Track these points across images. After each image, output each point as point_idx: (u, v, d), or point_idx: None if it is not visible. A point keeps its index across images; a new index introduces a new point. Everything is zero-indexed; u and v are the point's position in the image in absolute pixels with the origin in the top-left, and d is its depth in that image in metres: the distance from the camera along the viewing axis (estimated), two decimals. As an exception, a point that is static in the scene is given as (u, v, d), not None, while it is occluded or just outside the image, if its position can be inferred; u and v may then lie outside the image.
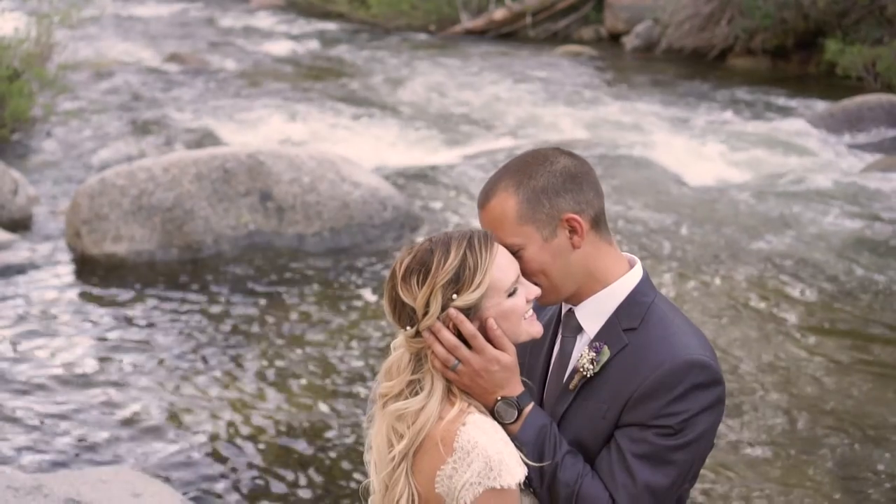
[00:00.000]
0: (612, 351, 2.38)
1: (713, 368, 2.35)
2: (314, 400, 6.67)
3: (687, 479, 2.37)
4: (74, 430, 6.28)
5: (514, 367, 2.35)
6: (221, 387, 6.86)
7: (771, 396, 6.77)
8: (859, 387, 6.89)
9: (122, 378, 6.94)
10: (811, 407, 6.64)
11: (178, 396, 6.71)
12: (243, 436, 6.26)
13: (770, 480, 5.87)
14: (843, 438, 6.27)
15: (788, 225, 10.07)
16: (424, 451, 2.32)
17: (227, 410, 6.55)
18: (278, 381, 6.93)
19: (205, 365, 7.15)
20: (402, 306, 2.33)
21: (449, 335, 2.31)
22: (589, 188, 2.44)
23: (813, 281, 8.63)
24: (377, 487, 2.41)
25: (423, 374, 2.35)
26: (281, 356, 7.25)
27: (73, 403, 6.58)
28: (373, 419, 2.44)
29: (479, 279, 2.28)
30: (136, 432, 6.30)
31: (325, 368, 7.10)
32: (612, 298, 2.43)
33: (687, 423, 2.30)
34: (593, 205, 2.44)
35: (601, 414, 2.36)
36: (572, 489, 2.30)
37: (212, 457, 6.06)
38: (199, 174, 9.11)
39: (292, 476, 5.88)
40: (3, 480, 4.67)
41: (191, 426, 6.36)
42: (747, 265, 8.96)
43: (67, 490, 4.53)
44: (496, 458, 2.24)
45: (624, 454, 2.31)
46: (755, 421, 6.49)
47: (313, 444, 6.18)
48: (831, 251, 9.38)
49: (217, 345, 7.44)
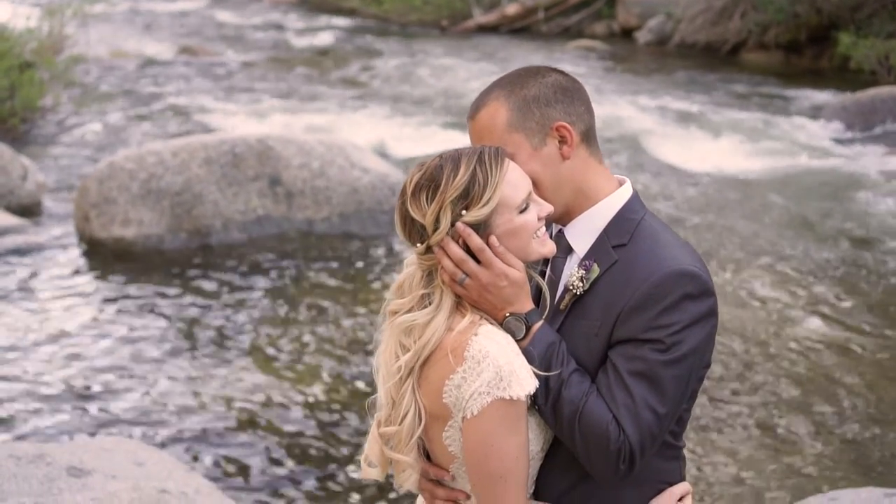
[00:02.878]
0: (602, 268, 2.35)
1: (703, 279, 2.30)
2: (321, 382, 6.64)
3: (685, 398, 2.32)
4: (78, 406, 6.26)
5: (524, 283, 2.31)
6: (227, 368, 6.83)
7: (780, 379, 6.72)
8: (870, 372, 6.84)
9: (127, 358, 6.92)
10: (821, 390, 6.60)
11: (183, 376, 6.68)
12: (249, 414, 6.24)
13: (778, 461, 5.82)
14: (854, 420, 6.22)
15: (801, 215, 10.01)
16: (433, 363, 2.29)
17: (231, 390, 6.53)
18: (285, 363, 6.90)
19: (211, 346, 7.12)
20: (412, 223, 2.30)
21: (457, 249, 2.27)
22: (580, 102, 2.41)
23: (824, 270, 8.58)
24: (384, 402, 2.38)
25: (433, 288, 2.32)
26: (289, 339, 7.21)
27: (78, 381, 6.56)
28: (381, 339, 2.40)
29: (488, 195, 2.25)
30: (140, 409, 6.28)
31: (334, 351, 7.06)
32: (601, 216, 2.40)
33: (678, 336, 2.25)
34: (584, 119, 2.41)
35: (593, 331, 2.32)
36: (576, 406, 2.26)
37: (215, 433, 6.03)
38: (209, 158, 9.09)
39: (299, 452, 5.86)
40: (5, 449, 4.64)
41: (195, 405, 6.34)
42: (759, 254, 8.90)
43: (69, 458, 4.50)
44: (507, 369, 2.21)
45: (620, 373, 2.26)
46: (763, 401, 6.44)
47: (321, 423, 6.15)
48: (843, 241, 9.32)
49: (224, 327, 7.41)
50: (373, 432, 2.42)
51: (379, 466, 2.43)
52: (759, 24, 17.86)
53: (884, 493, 4.61)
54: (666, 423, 2.29)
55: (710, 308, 2.31)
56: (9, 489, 4.21)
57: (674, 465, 2.42)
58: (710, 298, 2.30)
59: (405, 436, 2.32)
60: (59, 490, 4.18)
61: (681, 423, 2.40)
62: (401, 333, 2.33)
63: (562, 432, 2.30)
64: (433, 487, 2.39)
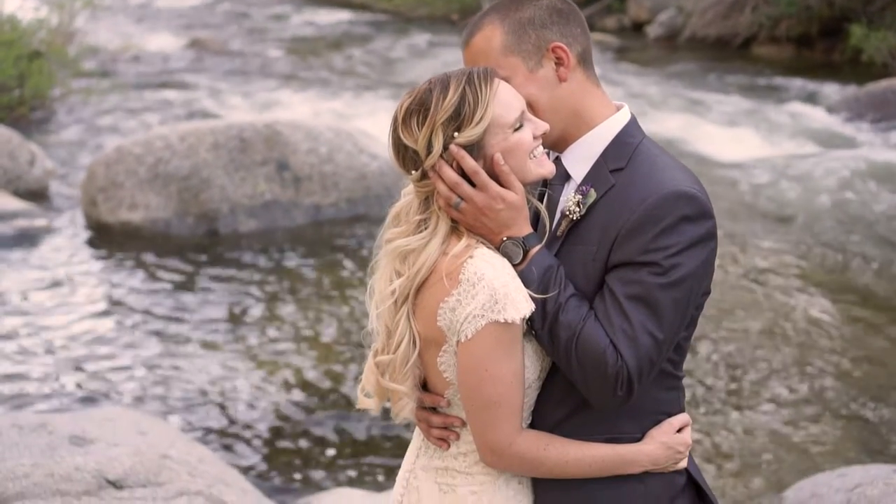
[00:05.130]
0: (599, 192, 2.30)
1: (702, 201, 2.26)
2: (325, 362, 6.61)
3: (684, 324, 2.27)
4: (81, 383, 6.25)
5: (521, 205, 2.27)
6: (231, 347, 6.82)
7: (787, 358, 6.69)
8: (879, 351, 6.81)
9: (132, 338, 6.91)
10: (830, 369, 6.57)
11: (189, 355, 6.67)
12: (253, 391, 6.22)
13: (788, 438, 5.78)
14: (863, 399, 6.19)
15: (812, 203, 9.96)
16: (428, 287, 2.26)
17: (235, 371, 6.51)
18: (290, 344, 6.88)
19: (217, 327, 7.11)
20: (405, 149, 2.27)
21: (451, 172, 2.23)
22: (576, 24, 2.37)
23: (835, 256, 8.54)
24: (378, 331, 2.35)
25: (429, 214, 2.28)
26: (293, 321, 7.19)
27: (83, 359, 6.55)
28: (377, 268, 2.38)
29: (479, 114, 2.21)
30: (143, 385, 6.27)
31: (337, 332, 7.04)
32: (598, 141, 2.35)
33: (676, 259, 2.20)
34: (580, 41, 2.37)
35: (591, 256, 2.27)
36: (574, 331, 2.21)
37: (219, 408, 6.02)
38: (216, 143, 9.06)
39: (303, 428, 5.84)
40: (8, 419, 4.63)
41: (199, 384, 6.32)
42: (770, 239, 8.87)
43: (72, 427, 4.48)
44: (502, 291, 2.18)
45: (617, 297, 2.21)
46: (772, 380, 6.41)
47: (325, 399, 6.14)
48: (855, 228, 9.27)
49: (230, 309, 7.40)
50: (369, 363, 2.40)
51: (375, 397, 2.40)
52: (771, 18, 17.76)
53: (892, 469, 4.58)
54: (664, 349, 2.24)
55: (708, 231, 2.26)
56: (10, 456, 4.19)
57: (673, 396, 2.37)
58: (708, 221, 2.26)
59: (400, 363, 2.28)
60: (62, 457, 4.16)
61: (680, 351, 2.35)
62: (395, 259, 2.30)
63: (558, 357, 2.25)
64: (429, 415, 2.36)
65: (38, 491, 3.57)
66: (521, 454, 2.26)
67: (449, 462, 2.35)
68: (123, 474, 3.68)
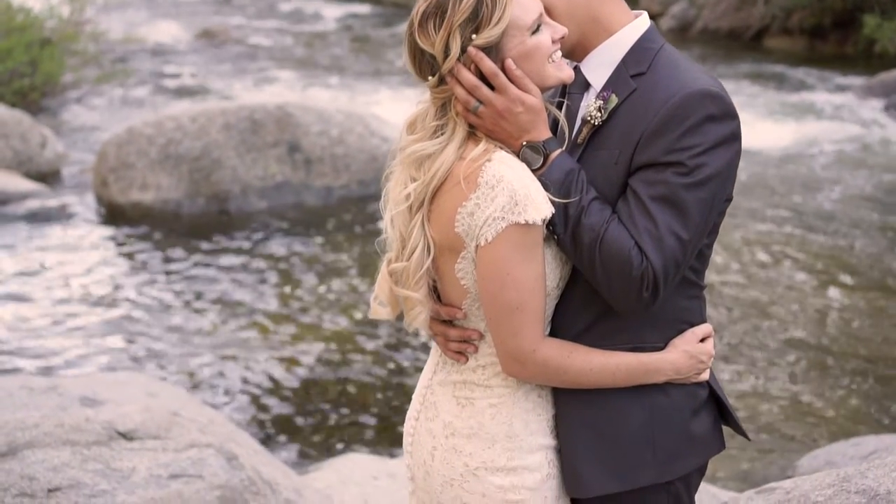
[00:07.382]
0: (620, 97, 2.24)
1: (726, 100, 2.21)
2: (335, 339, 6.59)
3: (708, 227, 2.22)
4: (94, 355, 6.24)
5: (540, 109, 2.22)
6: (241, 323, 6.80)
7: (806, 331, 6.67)
8: (887, 333, 6.77)
9: (143, 316, 6.89)
10: (847, 340, 6.54)
11: (199, 332, 6.65)
12: (265, 363, 6.20)
13: (803, 408, 5.75)
14: (879, 370, 6.16)
15: (825, 186, 9.92)
16: (444, 192, 2.20)
17: (245, 344, 6.49)
18: (301, 321, 6.86)
19: (227, 305, 7.09)
20: (422, 54, 2.21)
21: (469, 75, 2.18)
22: None
23: (846, 238, 8.50)
24: (392, 239, 2.30)
25: (446, 120, 2.22)
26: (304, 300, 7.17)
27: (94, 336, 6.54)
28: (391, 177, 2.32)
29: (498, 15, 2.15)
30: (154, 356, 6.25)
31: (348, 310, 7.01)
32: (618, 47, 2.30)
33: (701, 159, 2.15)
34: None
35: (613, 160, 2.21)
36: (597, 233, 2.15)
37: (229, 379, 6.01)
38: (227, 124, 9.04)
39: (314, 399, 5.82)
40: (18, 381, 4.61)
41: (209, 358, 6.30)
42: (784, 222, 8.83)
43: (82, 390, 4.46)
44: (522, 192, 2.12)
45: (641, 198, 2.16)
46: (789, 352, 6.38)
47: (337, 373, 6.12)
48: (869, 210, 9.22)
49: (240, 288, 7.38)
50: (382, 271, 2.34)
51: (389, 306, 2.35)
52: (783, 9, 17.69)
53: (908, 437, 4.55)
54: (690, 250, 2.19)
55: (732, 131, 2.21)
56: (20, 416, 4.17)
57: (695, 305, 2.33)
58: (733, 121, 2.21)
59: (413, 270, 2.23)
60: (72, 412, 4.13)
61: (702, 259, 2.30)
62: (410, 165, 2.24)
63: (581, 262, 2.20)
64: (445, 329, 2.30)
65: (48, 440, 3.54)
66: (544, 361, 2.20)
67: (467, 375, 2.30)
68: (134, 427, 3.65)
